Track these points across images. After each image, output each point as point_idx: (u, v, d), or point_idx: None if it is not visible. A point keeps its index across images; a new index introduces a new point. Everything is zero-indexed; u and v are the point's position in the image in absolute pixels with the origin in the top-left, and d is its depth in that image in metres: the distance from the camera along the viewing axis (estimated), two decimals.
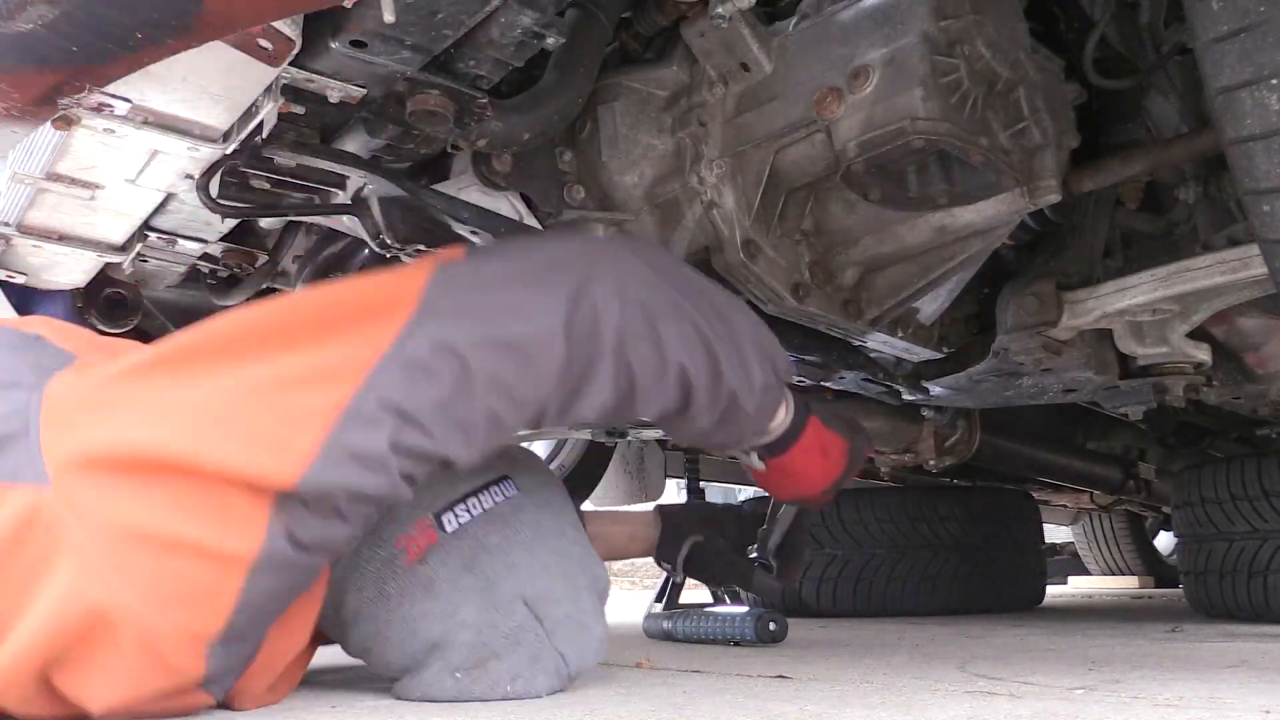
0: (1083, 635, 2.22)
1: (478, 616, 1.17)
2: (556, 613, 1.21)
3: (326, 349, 1.00)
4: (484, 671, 1.18)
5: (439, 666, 1.18)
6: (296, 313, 1.07)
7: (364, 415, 0.97)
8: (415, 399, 1.00)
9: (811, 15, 1.42)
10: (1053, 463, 3.20)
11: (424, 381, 1.00)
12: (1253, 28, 1.09)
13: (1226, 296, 1.74)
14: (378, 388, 0.98)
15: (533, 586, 1.20)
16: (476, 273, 1.10)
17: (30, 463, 0.96)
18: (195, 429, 0.96)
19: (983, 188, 1.41)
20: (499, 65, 1.20)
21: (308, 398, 0.98)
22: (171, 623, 0.97)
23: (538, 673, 1.20)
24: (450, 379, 1.01)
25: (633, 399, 1.13)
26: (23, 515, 0.94)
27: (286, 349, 1.01)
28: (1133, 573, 5.40)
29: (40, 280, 1.56)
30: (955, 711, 1.09)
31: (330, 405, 0.97)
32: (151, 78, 1.05)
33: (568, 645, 1.22)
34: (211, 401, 0.98)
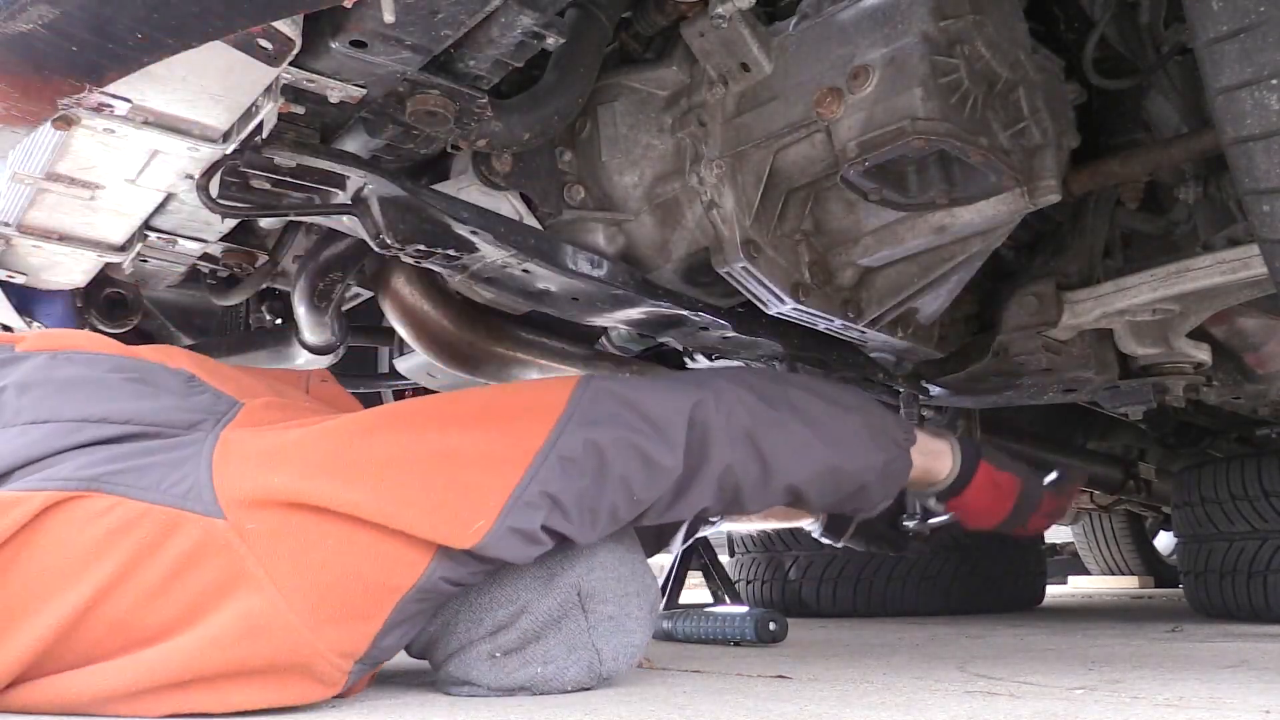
0: (1083, 635, 2.22)
1: (536, 603, 1.27)
2: (602, 610, 1.30)
3: (494, 437, 1.19)
4: (520, 653, 1.26)
5: (487, 648, 1.26)
6: (464, 404, 1.27)
7: (527, 500, 1.16)
8: (566, 490, 1.19)
9: (811, 15, 1.42)
10: (1053, 463, 3.19)
11: (574, 474, 1.20)
12: (1253, 28, 1.09)
13: (1226, 296, 1.74)
14: (539, 478, 1.17)
15: (589, 581, 1.30)
16: (614, 387, 1.31)
17: (201, 496, 1.09)
18: (376, 489, 1.12)
19: (983, 188, 1.41)
20: (499, 65, 1.19)
21: (483, 478, 1.16)
22: (327, 642, 1.09)
23: (570, 663, 1.27)
24: (591, 472, 1.21)
25: (738, 503, 1.36)
26: (197, 542, 1.07)
27: (458, 431, 1.20)
28: (1133, 573, 5.39)
29: (40, 280, 1.56)
30: (955, 711, 1.09)
31: (502, 487, 1.16)
32: (151, 78, 1.05)
33: (605, 643, 1.29)
34: (390, 466, 1.14)
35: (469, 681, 1.27)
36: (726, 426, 1.32)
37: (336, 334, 1.90)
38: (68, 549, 1.05)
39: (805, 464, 1.39)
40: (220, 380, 1.29)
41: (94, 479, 1.07)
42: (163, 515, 1.07)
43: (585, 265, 1.51)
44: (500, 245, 1.42)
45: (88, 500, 1.06)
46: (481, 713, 1.14)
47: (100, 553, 1.05)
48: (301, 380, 1.49)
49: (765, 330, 1.71)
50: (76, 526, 1.06)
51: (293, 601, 1.07)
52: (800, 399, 1.44)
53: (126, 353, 1.29)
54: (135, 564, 1.05)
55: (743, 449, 1.33)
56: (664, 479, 1.27)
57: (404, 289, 1.86)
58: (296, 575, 1.07)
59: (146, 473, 1.09)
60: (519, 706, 1.18)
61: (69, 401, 1.16)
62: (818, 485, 1.42)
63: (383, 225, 1.36)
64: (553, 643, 1.26)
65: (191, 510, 1.07)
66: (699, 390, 1.34)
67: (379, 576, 1.12)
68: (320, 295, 1.80)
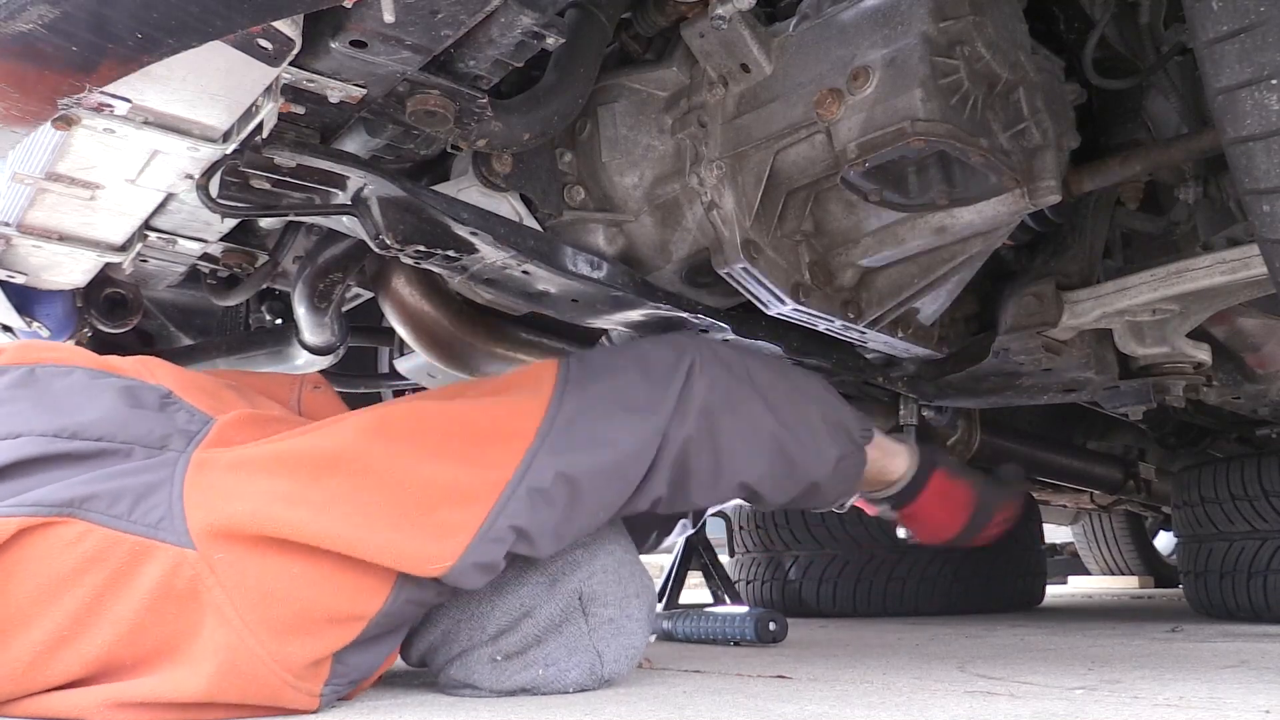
0: (1083, 635, 2.22)
1: (539, 608, 1.29)
2: (602, 613, 1.31)
3: (462, 465, 1.18)
4: (521, 656, 1.28)
5: (489, 651, 1.28)
6: (434, 422, 1.25)
7: (493, 534, 1.16)
8: (534, 522, 1.19)
9: (811, 16, 1.42)
10: (1053, 463, 3.19)
11: (544, 508, 1.20)
12: (1253, 28, 1.09)
13: (1226, 296, 1.74)
14: (507, 512, 1.17)
15: (590, 585, 1.31)
16: (587, 397, 1.29)
17: (173, 525, 1.09)
18: (340, 518, 1.12)
19: (983, 189, 1.41)
20: (499, 65, 1.19)
21: (450, 511, 1.16)
22: (293, 671, 1.10)
23: (572, 666, 1.28)
24: (562, 504, 1.21)
25: (686, 497, 1.35)
26: (167, 572, 1.07)
27: (426, 457, 1.19)
28: (1133, 573, 5.40)
29: (40, 280, 1.56)
30: (955, 711, 1.09)
31: (469, 522, 1.16)
32: (151, 78, 1.05)
33: (606, 646, 1.31)
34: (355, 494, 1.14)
35: (470, 684, 1.28)
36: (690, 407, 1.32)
37: (336, 334, 1.90)
38: (41, 577, 1.05)
39: (760, 449, 1.38)
40: (196, 395, 1.28)
41: (67, 503, 1.07)
42: (135, 545, 1.07)
43: (585, 267, 1.51)
44: (500, 246, 1.42)
45: (61, 527, 1.06)
46: (482, 713, 1.14)
47: (74, 579, 1.05)
48: (293, 388, 1.48)
49: (765, 331, 1.71)
50: (51, 554, 1.06)
51: (257, 634, 1.08)
52: (764, 378, 1.43)
53: (106, 366, 1.29)
54: (107, 594, 1.06)
55: (700, 424, 1.32)
56: (633, 483, 1.29)
57: (404, 289, 1.86)
58: (262, 607, 1.08)
59: (119, 498, 1.09)
60: (519, 707, 1.18)
61: (42, 415, 1.15)
62: (770, 474, 1.41)
63: (382, 226, 1.36)
64: (554, 646, 1.27)
65: (163, 540, 1.08)
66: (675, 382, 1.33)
67: (342, 605, 1.13)
68: (320, 296, 1.80)
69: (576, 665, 1.28)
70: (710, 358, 1.39)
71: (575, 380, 1.31)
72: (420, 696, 1.30)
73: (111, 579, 1.06)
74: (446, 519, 1.15)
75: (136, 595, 1.06)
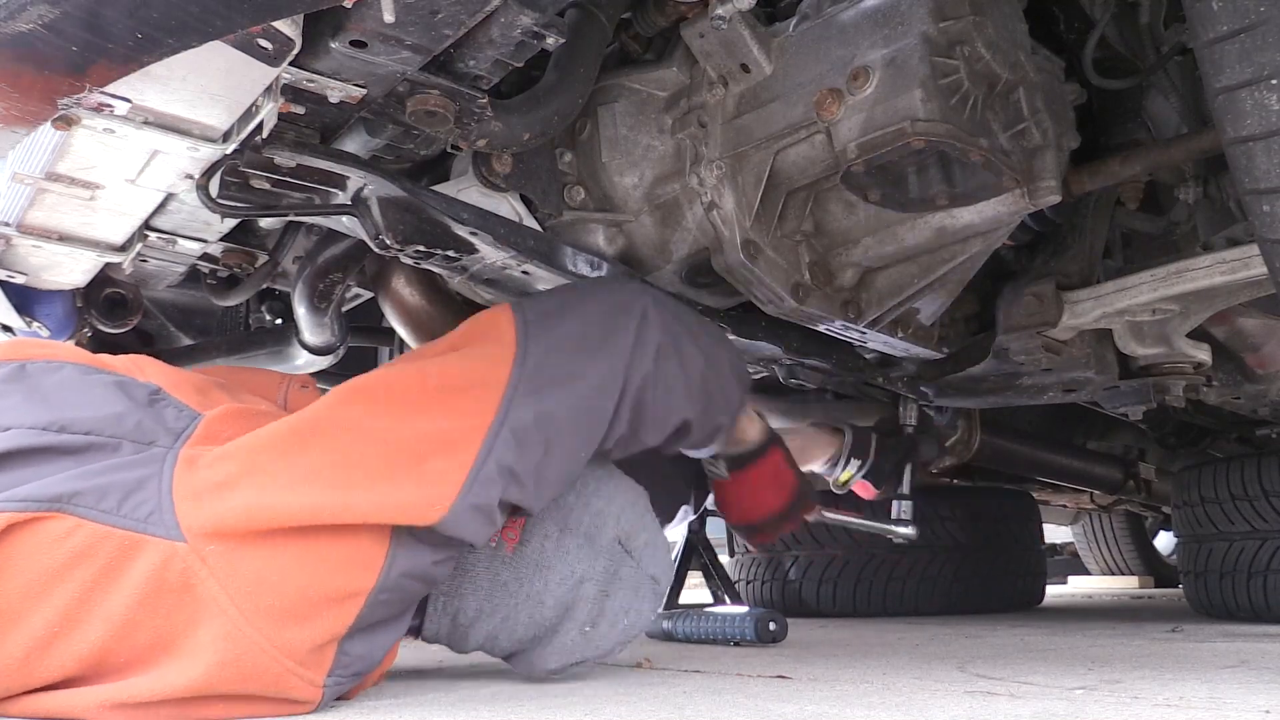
0: (1083, 635, 2.23)
1: (590, 567, 1.35)
2: (640, 541, 1.40)
3: (442, 416, 1.19)
4: (603, 615, 1.36)
5: (568, 627, 1.35)
6: (406, 383, 1.24)
7: (484, 476, 1.17)
8: (521, 462, 1.20)
9: (811, 16, 1.42)
10: (1053, 463, 3.19)
11: (529, 447, 1.21)
12: (1253, 28, 1.09)
13: (1226, 296, 1.74)
14: (495, 453, 1.18)
15: (618, 525, 1.39)
16: (551, 339, 1.30)
17: (163, 519, 1.09)
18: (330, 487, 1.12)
19: (983, 189, 1.41)
20: (499, 65, 1.19)
21: (439, 459, 1.16)
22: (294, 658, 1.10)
23: (641, 600, 1.39)
24: (544, 443, 1.22)
25: (639, 435, 1.36)
26: (158, 566, 1.07)
27: (405, 416, 1.19)
28: (1133, 573, 5.40)
29: (40, 280, 1.56)
30: (955, 711, 1.09)
31: (460, 465, 1.16)
32: (151, 78, 1.05)
33: (655, 567, 1.42)
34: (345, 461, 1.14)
35: (573, 663, 1.38)
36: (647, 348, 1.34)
37: (336, 334, 1.90)
38: (30, 573, 1.05)
39: (695, 387, 1.40)
40: (186, 393, 1.29)
41: (56, 499, 1.07)
42: (124, 539, 1.07)
43: (585, 267, 1.51)
44: (500, 246, 1.42)
45: (50, 522, 1.06)
46: (482, 714, 1.14)
47: (63, 574, 1.05)
48: (280, 386, 1.49)
49: (764, 331, 1.71)
50: (40, 550, 1.05)
51: (255, 623, 1.07)
52: (693, 321, 1.45)
53: (96, 363, 1.29)
54: (98, 589, 1.06)
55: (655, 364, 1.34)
56: (604, 423, 1.30)
57: (404, 289, 1.86)
58: (257, 595, 1.08)
59: (108, 493, 1.09)
60: (520, 706, 1.18)
61: (31, 409, 1.16)
62: (701, 412, 1.42)
63: (382, 226, 1.36)
64: (623, 595, 1.36)
65: (153, 534, 1.08)
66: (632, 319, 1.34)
67: (339, 583, 1.12)
68: (320, 296, 1.80)
69: (644, 598, 1.39)
70: (659, 300, 1.41)
71: (535, 325, 1.31)
72: (420, 696, 1.30)
73: (102, 574, 1.06)
74: (435, 467, 1.15)
75: (128, 590, 1.06)
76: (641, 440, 1.37)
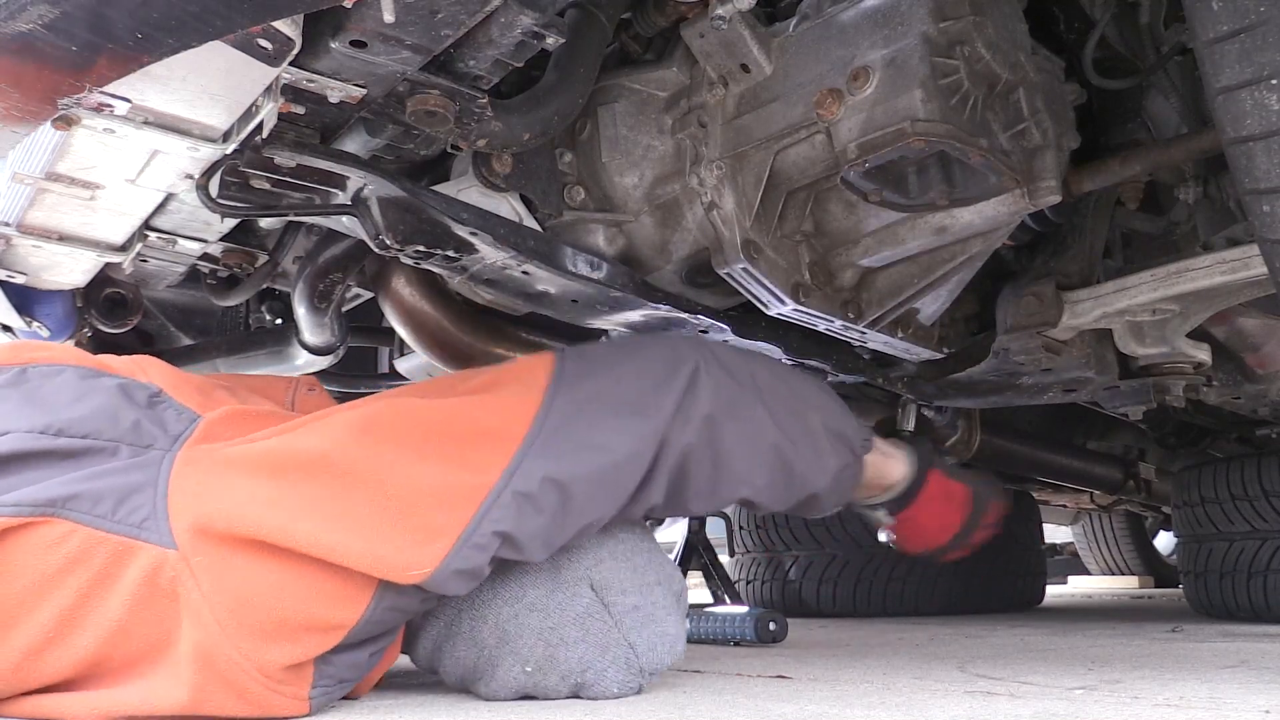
0: (1083, 635, 2.22)
1: (545, 598, 1.23)
2: (624, 601, 1.25)
3: (448, 467, 1.16)
4: (553, 663, 1.21)
5: (509, 662, 1.22)
6: (422, 419, 1.22)
7: (476, 540, 1.13)
8: (521, 529, 1.16)
9: (811, 16, 1.42)
10: (1053, 463, 3.19)
11: (530, 513, 1.16)
12: (1253, 28, 1.09)
13: (1226, 296, 1.74)
14: (491, 517, 1.14)
15: (599, 572, 1.26)
16: (584, 396, 1.26)
17: (157, 525, 1.08)
18: (320, 523, 1.10)
19: (983, 189, 1.41)
20: (499, 65, 1.19)
21: (432, 515, 1.13)
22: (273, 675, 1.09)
23: (608, 664, 1.22)
24: (551, 510, 1.18)
25: (681, 505, 1.32)
26: (149, 573, 1.06)
27: (411, 458, 1.16)
28: (1133, 573, 5.40)
29: (40, 280, 1.56)
30: (955, 711, 1.09)
31: (452, 527, 1.13)
32: (151, 78, 1.05)
33: (636, 636, 1.25)
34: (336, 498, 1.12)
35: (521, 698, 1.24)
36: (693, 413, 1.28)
37: (336, 334, 1.90)
38: (26, 577, 1.05)
39: (761, 460, 1.34)
40: (187, 394, 1.27)
41: (51, 503, 1.06)
42: (118, 545, 1.06)
43: (585, 267, 1.51)
44: (500, 247, 1.42)
45: (45, 527, 1.06)
46: (482, 714, 1.14)
47: (58, 580, 1.05)
48: (288, 389, 1.47)
49: (765, 332, 1.71)
50: (35, 554, 1.05)
51: (233, 639, 1.06)
52: (767, 384, 1.39)
53: (99, 365, 1.28)
54: (92, 594, 1.06)
55: (702, 433, 1.28)
56: (626, 491, 1.24)
57: (404, 290, 1.86)
58: (239, 612, 1.07)
59: (103, 498, 1.08)
60: (520, 706, 1.18)
61: (29, 413, 1.15)
62: (769, 485, 1.37)
63: (382, 226, 1.36)
64: (584, 648, 1.22)
65: (146, 540, 1.07)
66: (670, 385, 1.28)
67: (322, 613, 1.10)
68: (320, 296, 1.80)
69: (613, 663, 1.22)
70: (714, 361, 1.35)
71: (570, 378, 1.27)
72: (420, 696, 1.30)
73: (96, 580, 1.06)
74: (428, 523, 1.12)
75: (121, 596, 1.06)
76: (688, 510, 1.33)
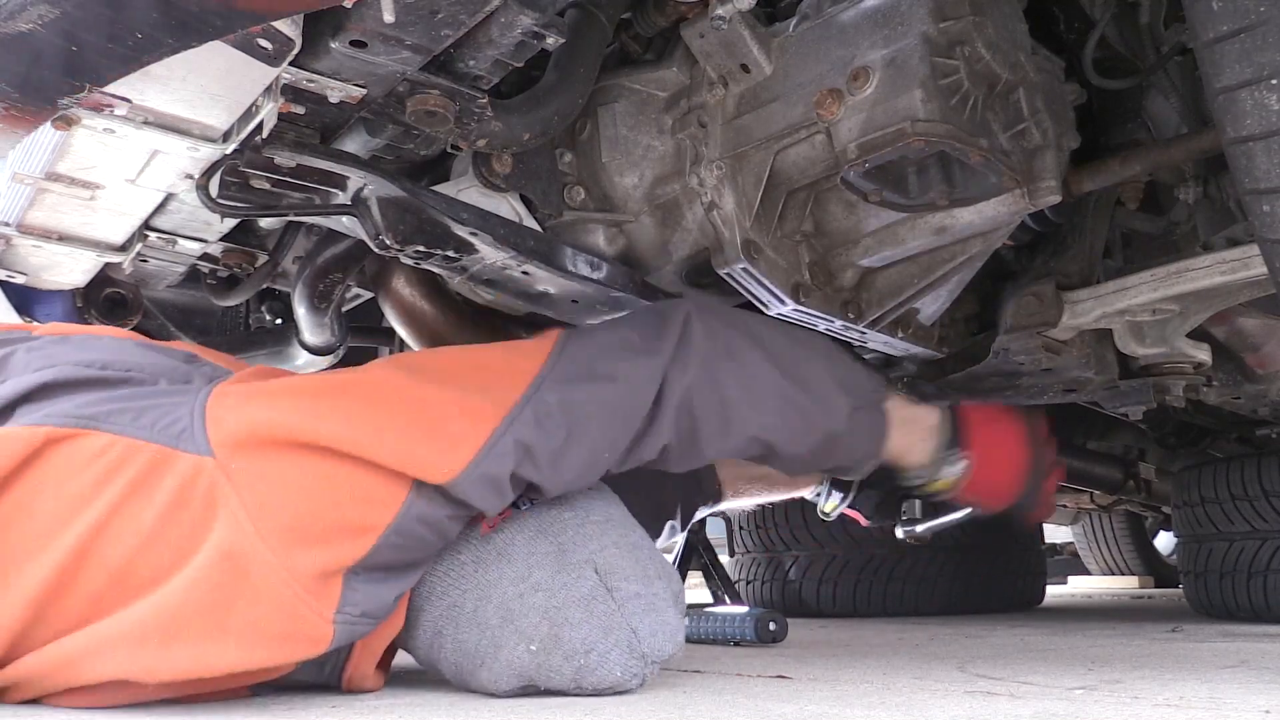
0: (1083, 635, 2.23)
1: (550, 579, 1.25)
2: (627, 588, 1.26)
3: (473, 390, 1.23)
4: (557, 642, 1.21)
5: (513, 642, 1.22)
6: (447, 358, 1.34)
7: (500, 448, 1.19)
8: (539, 441, 1.22)
9: (811, 16, 1.42)
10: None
11: (549, 428, 1.23)
12: (1253, 28, 1.09)
13: (1226, 296, 1.74)
14: (514, 428, 1.21)
15: (603, 557, 1.28)
16: (590, 343, 1.35)
17: (194, 437, 1.12)
18: (356, 424, 1.15)
19: (983, 189, 1.41)
20: (499, 65, 1.19)
21: (461, 424, 1.19)
22: (300, 577, 1.09)
23: (611, 646, 1.22)
24: (567, 430, 1.24)
25: (696, 447, 1.36)
26: (186, 479, 1.09)
27: (440, 383, 1.24)
28: (1133, 573, 5.39)
29: (40, 280, 1.56)
30: (955, 711, 1.09)
31: (479, 433, 1.19)
32: (151, 78, 1.05)
33: (639, 621, 1.24)
34: (376, 410, 1.17)
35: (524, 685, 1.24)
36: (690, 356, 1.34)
37: (336, 334, 1.90)
38: (68, 487, 1.09)
39: (765, 400, 1.38)
40: (221, 362, 1.37)
41: (92, 417, 1.12)
42: (155, 453, 1.10)
43: (585, 267, 1.51)
44: (500, 247, 1.42)
45: (87, 438, 1.10)
46: (482, 713, 1.14)
47: (96, 490, 1.08)
48: None
49: None
50: (77, 465, 1.09)
51: (264, 532, 1.08)
52: (763, 333, 1.44)
53: (136, 337, 1.38)
54: (128, 501, 1.08)
55: (700, 373, 1.34)
56: (632, 429, 1.31)
57: (404, 290, 1.86)
58: (272, 507, 1.09)
59: (144, 414, 1.14)
60: (519, 706, 1.18)
61: (76, 352, 1.23)
62: (782, 425, 1.40)
63: (382, 226, 1.36)
64: (588, 629, 1.21)
65: (184, 449, 1.11)
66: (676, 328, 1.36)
67: (355, 514, 1.13)
68: (320, 296, 1.80)
69: (616, 645, 1.21)
70: (705, 310, 1.42)
71: (575, 336, 1.37)
72: (420, 696, 1.30)
73: (132, 486, 1.09)
74: (455, 430, 1.19)
75: (156, 503, 1.08)
76: (703, 452, 1.37)
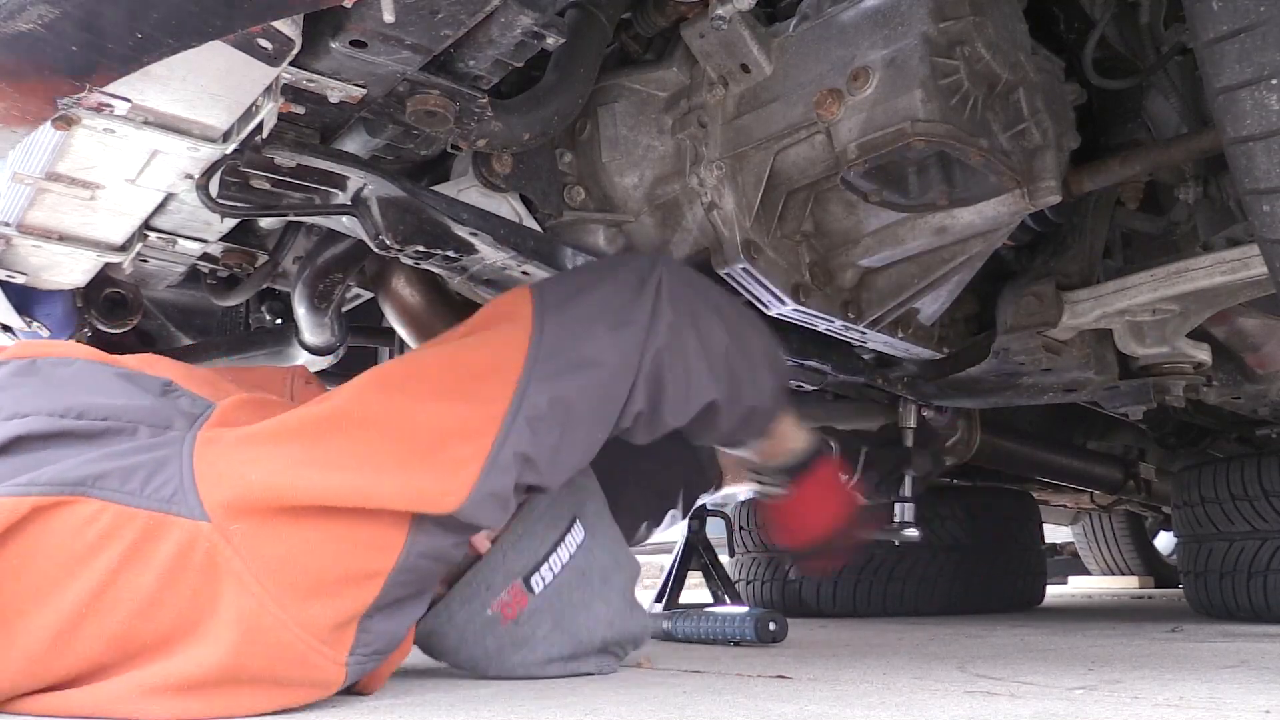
0: (1083, 635, 2.23)
1: (565, 664, 1.41)
2: (626, 639, 1.46)
3: (459, 404, 1.21)
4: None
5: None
6: (425, 369, 1.28)
7: (500, 464, 1.19)
8: (537, 448, 1.23)
9: (811, 16, 1.42)
10: (1053, 463, 3.19)
11: (543, 431, 1.23)
12: (1253, 28, 1.09)
13: (1226, 296, 1.74)
14: (511, 441, 1.20)
15: (610, 630, 1.43)
16: (567, 318, 1.31)
17: (186, 499, 1.10)
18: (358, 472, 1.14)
19: (983, 189, 1.41)
20: (499, 65, 1.19)
21: (456, 447, 1.18)
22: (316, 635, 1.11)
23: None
24: (561, 426, 1.25)
25: (659, 413, 1.36)
26: (183, 546, 1.08)
27: (424, 402, 1.21)
28: (1133, 573, 5.39)
29: (40, 280, 1.56)
30: (955, 711, 1.09)
31: (476, 454, 1.18)
32: (151, 78, 1.05)
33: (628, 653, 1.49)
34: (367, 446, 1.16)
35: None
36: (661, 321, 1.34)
37: (336, 334, 1.90)
38: (60, 555, 1.06)
39: (719, 366, 1.39)
40: (197, 385, 1.31)
41: (79, 482, 1.08)
42: (148, 519, 1.08)
43: None
44: (500, 247, 1.42)
45: (75, 506, 1.07)
46: (482, 714, 1.14)
47: (89, 558, 1.06)
48: (286, 381, 1.51)
49: None
50: (67, 533, 1.06)
51: (279, 600, 1.08)
52: (718, 298, 1.44)
53: (107, 359, 1.30)
54: (124, 568, 1.07)
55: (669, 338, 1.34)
56: (619, 405, 1.32)
57: (404, 290, 1.86)
58: (278, 569, 1.09)
59: (131, 475, 1.10)
60: (519, 706, 1.18)
61: (47, 397, 1.17)
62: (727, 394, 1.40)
63: (382, 226, 1.36)
64: None
65: (177, 514, 1.09)
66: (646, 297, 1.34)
67: (359, 564, 1.14)
68: (320, 296, 1.80)
69: None
70: (674, 273, 1.40)
71: (551, 305, 1.33)
72: (420, 696, 1.30)
73: (127, 554, 1.07)
74: (453, 455, 1.18)
75: (153, 570, 1.07)
76: (664, 420, 1.37)
